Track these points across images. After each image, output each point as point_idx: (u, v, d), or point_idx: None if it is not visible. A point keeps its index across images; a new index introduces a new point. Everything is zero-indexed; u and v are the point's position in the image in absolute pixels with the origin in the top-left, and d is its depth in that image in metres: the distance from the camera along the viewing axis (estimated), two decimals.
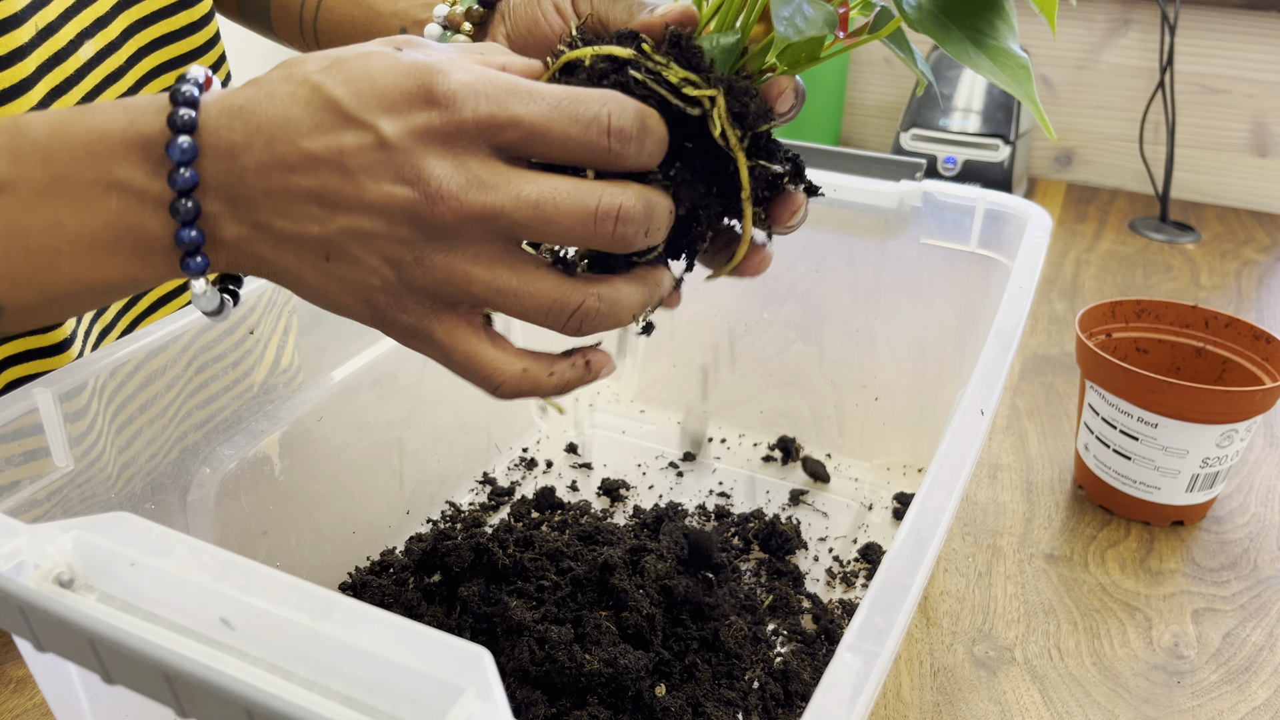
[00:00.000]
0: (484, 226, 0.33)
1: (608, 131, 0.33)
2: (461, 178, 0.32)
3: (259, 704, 0.25)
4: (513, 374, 0.36)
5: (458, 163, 0.33)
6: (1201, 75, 1.32)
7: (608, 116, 0.33)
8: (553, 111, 0.33)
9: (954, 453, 0.41)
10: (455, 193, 0.32)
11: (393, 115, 0.32)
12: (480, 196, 0.33)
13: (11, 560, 0.30)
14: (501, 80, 0.33)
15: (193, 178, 0.33)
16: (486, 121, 0.32)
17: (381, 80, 0.33)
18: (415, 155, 0.32)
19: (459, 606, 0.55)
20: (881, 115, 1.51)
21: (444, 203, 0.32)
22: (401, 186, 0.32)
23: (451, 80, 0.32)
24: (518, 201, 0.33)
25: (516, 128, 0.33)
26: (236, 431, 0.54)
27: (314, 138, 0.33)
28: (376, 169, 0.32)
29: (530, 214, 0.33)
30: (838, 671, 0.30)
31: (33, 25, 0.51)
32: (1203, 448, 0.65)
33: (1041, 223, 0.62)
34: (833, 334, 0.75)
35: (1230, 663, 0.57)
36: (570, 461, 0.76)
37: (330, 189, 0.33)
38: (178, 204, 0.33)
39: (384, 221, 0.33)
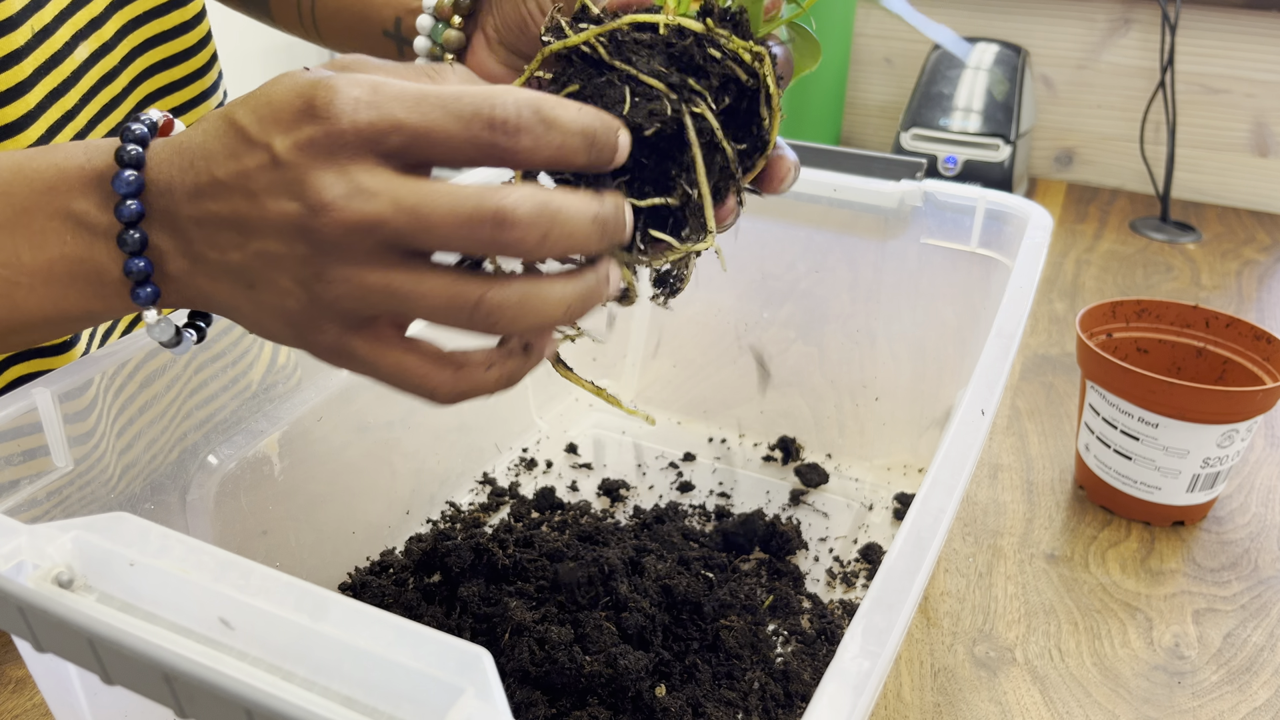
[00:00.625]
0: (371, 236, 0.32)
1: (490, 124, 0.32)
2: (342, 187, 0.32)
3: (258, 704, 0.25)
4: (447, 380, 0.35)
5: (340, 172, 0.32)
6: (1202, 75, 1.32)
7: (490, 108, 0.32)
8: (434, 109, 0.32)
9: (954, 453, 0.41)
10: (335, 202, 0.32)
11: (284, 133, 0.32)
12: (360, 205, 0.32)
13: (11, 560, 0.30)
14: (390, 89, 0.32)
15: (138, 209, 0.35)
16: (366, 129, 0.32)
17: (276, 100, 0.33)
18: (301, 170, 0.32)
19: (459, 606, 0.55)
20: (882, 115, 1.51)
21: (326, 213, 0.32)
22: (291, 202, 0.32)
23: (333, 93, 0.32)
24: (397, 208, 0.32)
25: (399, 132, 0.32)
26: (236, 431, 0.54)
27: (224, 164, 0.33)
28: (273, 188, 0.33)
29: (409, 219, 0.32)
30: (838, 672, 0.30)
31: (29, 28, 0.51)
32: (1203, 448, 0.65)
33: (1042, 222, 0.62)
34: (833, 334, 0.75)
35: (1231, 663, 0.57)
36: (570, 461, 0.76)
37: (241, 213, 0.33)
38: (124, 235, 0.35)
39: (284, 241, 0.33)
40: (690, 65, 0.37)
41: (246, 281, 0.35)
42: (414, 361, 0.35)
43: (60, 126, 0.54)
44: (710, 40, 0.37)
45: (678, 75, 0.36)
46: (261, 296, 0.35)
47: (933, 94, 1.28)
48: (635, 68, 0.36)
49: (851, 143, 1.54)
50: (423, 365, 0.35)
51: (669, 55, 0.36)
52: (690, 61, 0.37)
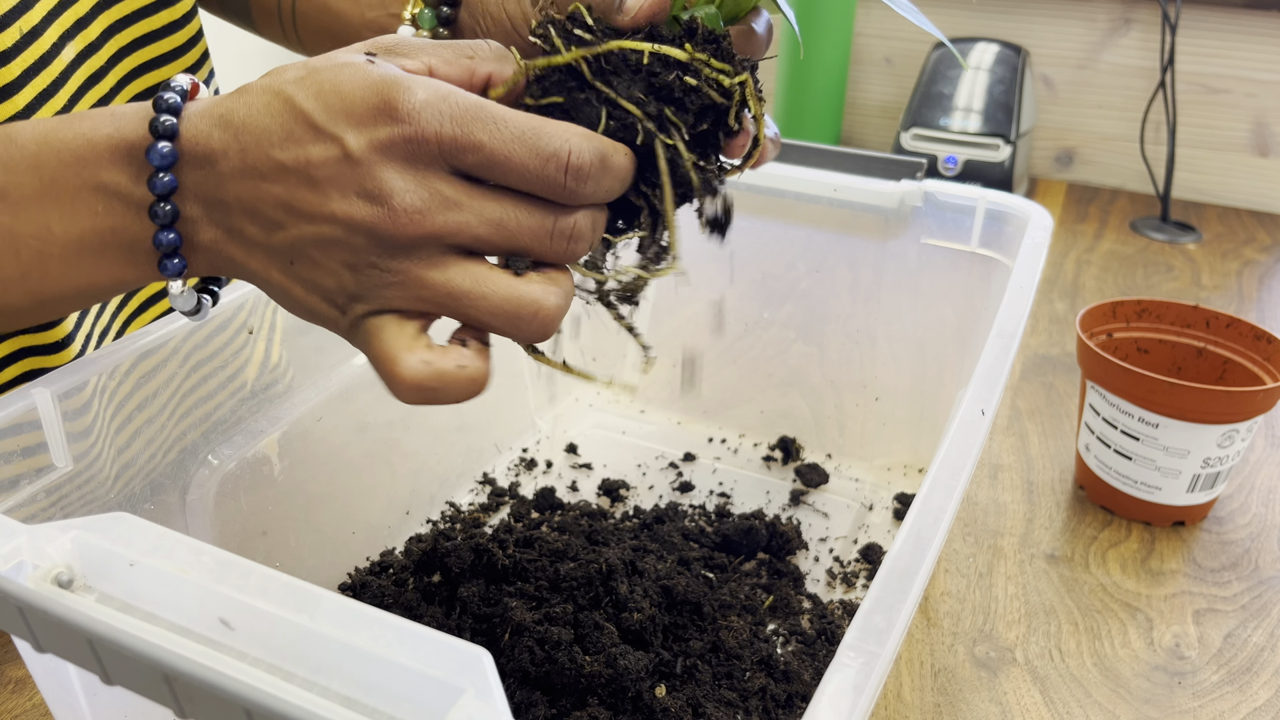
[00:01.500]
0: (444, 241, 0.34)
1: (565, 169, 0.34)
2: (424, 193, 0.33)
3: (258, 704, 0.25)
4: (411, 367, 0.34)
5: (420, 179, 0.33)
6: (1202, 75, 1.32)
7: (568, 154, 0.33)
8: (514, 142, 0.33)
9: (954, 453, 0.41)
10: (417, 208, 0.33)
11: (358, 129, 0.33)
12: (443, 215, 0.33)
13: (10, 560, 0.30)
14: (467, 102, 0.33)
15: (171, 182, 0.34)
16: (449, 143, 0.33)
17: (350, 93, 0.33)
18: (378, 170, 0.33)
19: (459, 607, 0.55)
20: (882, 115, 1.51)
21: (405, 217, 0.33)
22: (364, 201, 0.33)
23: (416, 97, 0.33)
24: (480, 219, 0.33)
25: (477, 152, 0.33)
26: (236, 431, 0.54)
27: (285, 148, 0.33)
28: (341, 181, 0.33)
29: (492, 231, 0.34)
30: (838, 672, 0.30)
31: (17, 29, 0.51)
32: (1204, 448, 0.65)
33: (1042, 222, 0.62)
34: (833, 334, 0.75)
35: (1231, 663, 0.57)
36: (570, 461, 0.76)
37: (298, 198, 0.33)
38: (156, 207, 0.35)
39: (345, 230, 0.33)
40: (669, 96, 0.37)
41: (286, 258, 0.35)
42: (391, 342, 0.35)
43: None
44: (691, 69, 0.37)
45: (654, 105, 0.37)
46: (299, 271, 0.35)
47: (933, 94, 1.28)
48: (615, 91, 0.37)
49: (851, 143, 1.54)
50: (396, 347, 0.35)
51: (650, 83, 0.37)
52: (669, 93, 0.37)
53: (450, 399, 0.35)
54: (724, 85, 0.38)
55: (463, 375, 0.35)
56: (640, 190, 0.38)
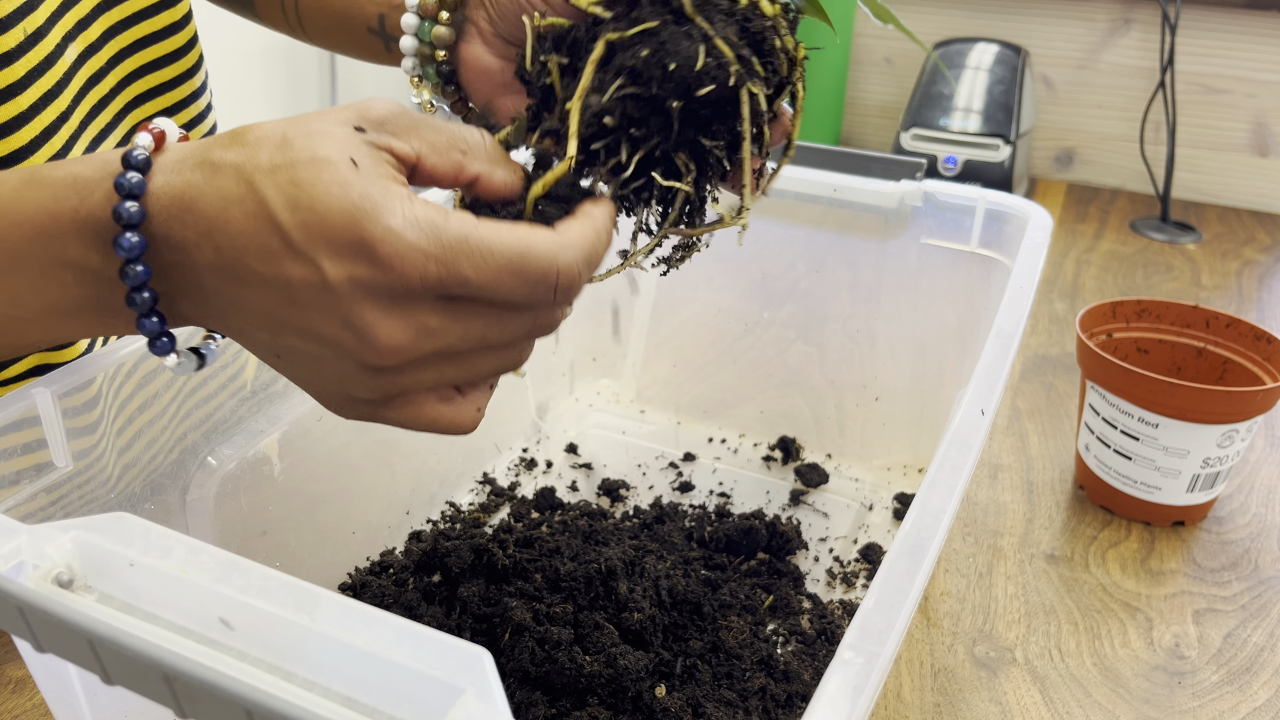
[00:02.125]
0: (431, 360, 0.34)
1: (555, 289, 0.34)
2: (410, 331, 0.33)
3: (258, 704, 0.25)
4: (472, 418, 0.38)
5: (403, 316, 0.32)
6: (1202, 75, 1.32)
7: (556, 276, 0.33)
8: (501, 273, 0.33)
9: (954, 453, 0.41)
10: (402, 346, 0.33)
11: (336, 259, 0.31)
12: (428, 343, 0.33)
13: (11, 560, 0.30)
14: (451, 236, 0.32)
15: (145, 273, 0.33)
16: (434, 281, 0.32)
17: (326, 214, 0.31)
18: (359, 306, 0.32)
19: (459, 607, 0.55)
20: (882, 115, 1.51)
21: (390, 353, 0.33)
22: (346, 332, 0.32)
23: (397, 239, 0.31)
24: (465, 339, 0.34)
25: (464, 287, 0.33)
26: (236, 431, 0.54)
27: (263, 261, 0.32)
28: (323, 308, 0.32)
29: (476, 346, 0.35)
30: (838, 671, 0.30)
31: (21, 30, 0.51)
32: (1203, 448, 0.65)
33: (1042, 222, 0.62)
34: (833, 334, 0.75)
35: (1231, 663, 0.57)
36: (570, 461, 0.76)
37: (279, 312, 0.33)
38: (133, 297, 0.34)
39: (331, 352, 0.33)
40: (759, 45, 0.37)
41: (273, 353, 0.35)
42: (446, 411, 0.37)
43: (55, 128, 0.54)
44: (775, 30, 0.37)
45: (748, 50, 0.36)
46: (287, 368, 0.35)
47: (933, 94, 1.28)
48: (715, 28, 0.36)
49: (851, 143, 1.54)
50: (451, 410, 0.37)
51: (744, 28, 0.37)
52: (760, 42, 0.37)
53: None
54: (794, 58, 0.38)
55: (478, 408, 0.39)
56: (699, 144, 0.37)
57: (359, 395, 0.35)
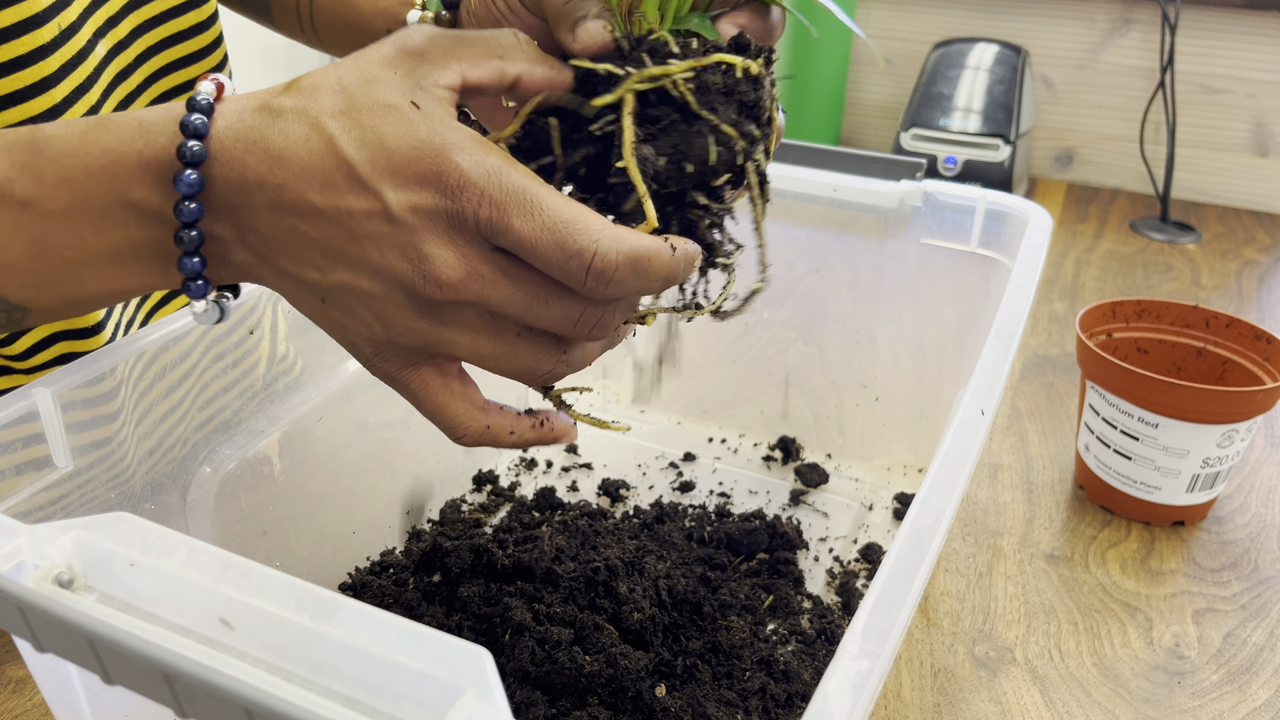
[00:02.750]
0: (475, 309, 0.35)
1: (587, 269, 0.34)
2: (463, 268, 0.34)
3: (259, 704, 0.25)
4: (476, 429, 0.38)
5: (459, 252, 0.34)
6: (1202, 75, 1.32)
7: (592, 255, 0.33)
8: (543, 232, 0.33)
9: (954, 453, 0.41)
10: (454, 281, 0.34)
11: (401, 189, 0.33)
12: (478, 288, 0.34)
13: (11, 560, 0.30)
14: (510, 184, 0.33)
15: (197, 210, 0.34)
16: (485, 224, 0.33)
17: (395, 149, 0.33)
18: (418, 235, 0.33)
19: (459, 606, 0.55)
20: (882, 115, 1.51)
21: (442, 288, 0.34)
22: (403, 261, 0.33)
23: (463, 172, 0.33)
24: (509, 299, 0.34)
25: (508, 235, 0.33)
26: (236, 431, 0.54)
27: (325, 194, 0.33)
28: (381, 239, 0.33)
29: (520, 310, 0.35)
30: (838, 672, 0.30)
31: (56, 25, 0.52)
32: (1203, 448, 0.65)
33: (1042, 223, 0.62)
34: (833, 334, 0.75)
35: (1231, 663, 0.57)
36: (570, 461, 0.76)
37: (335, 246, 0.34)
38: (180, 234, 0.35)
39: (382, 287, 0.34)
40: (756, 115, 0.37)
41: (319, 296, 0.35)
42: (458, 407, 0.38)
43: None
44: (763, 88, 0.37)
45: (749, 124, 0.37)
46: (332, 312, 0.36)
47: (933, 94, 1.28)
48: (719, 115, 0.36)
49: (851, 143, 1.54)
50: (462, 414, 0.38)
51: (740, 104, 0.37)
52: (757, 112, 0.37)
53: (501, 447, 0.40)
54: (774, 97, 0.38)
55: (509, 440, 0.39)
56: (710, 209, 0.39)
57: (398, 338, 0.35)
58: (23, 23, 0.51)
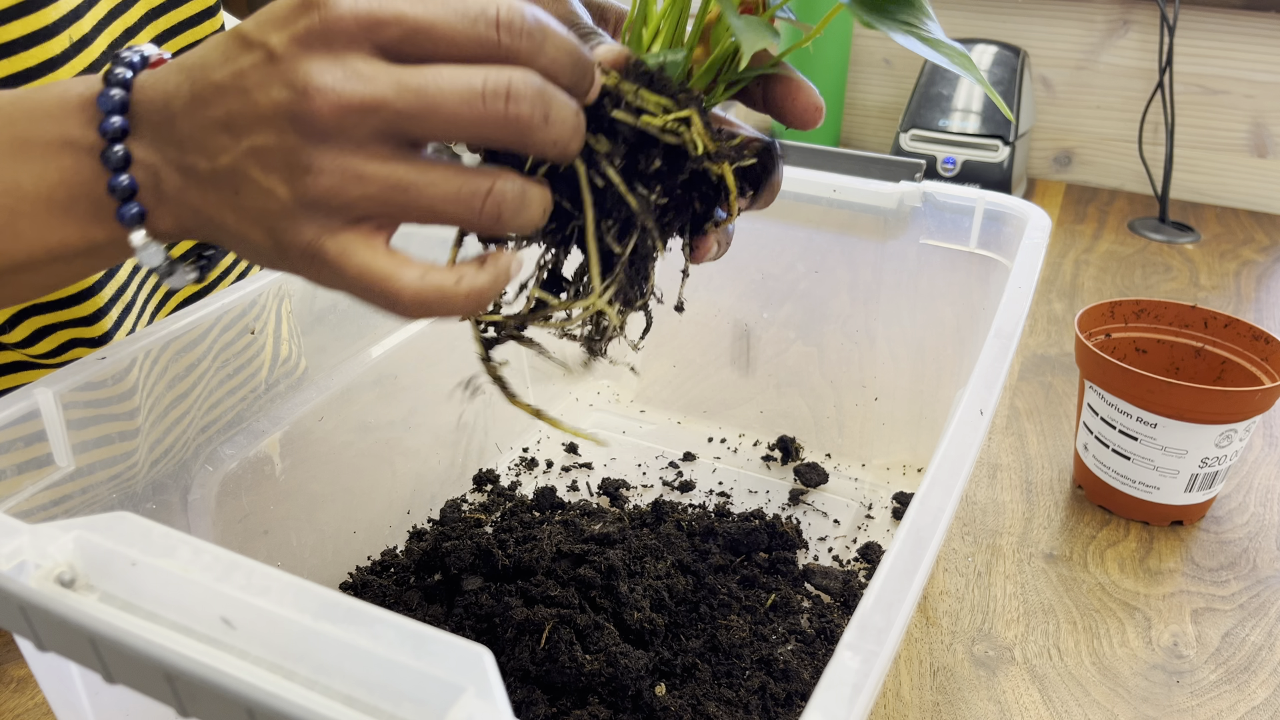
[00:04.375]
0: (369, 120, 0.32)
1: (496, 24, 0.32)
2: (339, 72, 0.32)
3: (260, 703, 0.25)
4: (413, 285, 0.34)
5: (336, 59, 0.32)
6: (1201, 76, 1.32)
7: (496, 10, 0.32)
8: (438, 4, 0.32)
9: (953, 453, 0.41)
10: (332, 86, 0.32)
11: (281, 29, 0.33)
12: (359, 87, 0.32)
13: (13, 560, 0.31)
14: None
15: (121, 124, 0.35)
16: (366, 18, 0.32)
17: (279, 4, 0.33)
18: (297, 60, 0.32)
19: (459, 606, 0.56)
20: (881, 116, 1.52)
21: (321, 96, 0.32)
22: (285, 91, 0.32)
23: None
24: (400, 89, 0.32)
25: (400, 24, 0.32)
26: (237, 431, 0.54)
27: (221, 68, 0.33)
28: (266, 82, 0.33)
29: (414, 100, 0.32)
30: (838, 671, 0.30)
31: (67, 37, 0.53)
32: (1202, 448, 0.65)
33: (1041, 223, 0.62)
34: (833, 334, 0.75)
35: (1229, 662, 0.58)
36: (570, 461, 0.76)
37: (234, 112, 0.33)
38: (107, 151, 0.35)
39: (274, 132, 0.33)
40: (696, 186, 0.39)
41: (233, 187, 0.34)
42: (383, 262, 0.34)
43: None
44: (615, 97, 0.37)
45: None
46: (245, 202, 0.34)
47: (932, 95, 1.28)
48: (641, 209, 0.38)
49: (851, 144, 1.54)
50: (390, 265, 0.34)
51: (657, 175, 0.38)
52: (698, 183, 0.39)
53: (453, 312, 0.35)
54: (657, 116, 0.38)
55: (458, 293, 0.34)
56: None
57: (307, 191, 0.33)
58: (33, 35, 0.51)
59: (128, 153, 0.35)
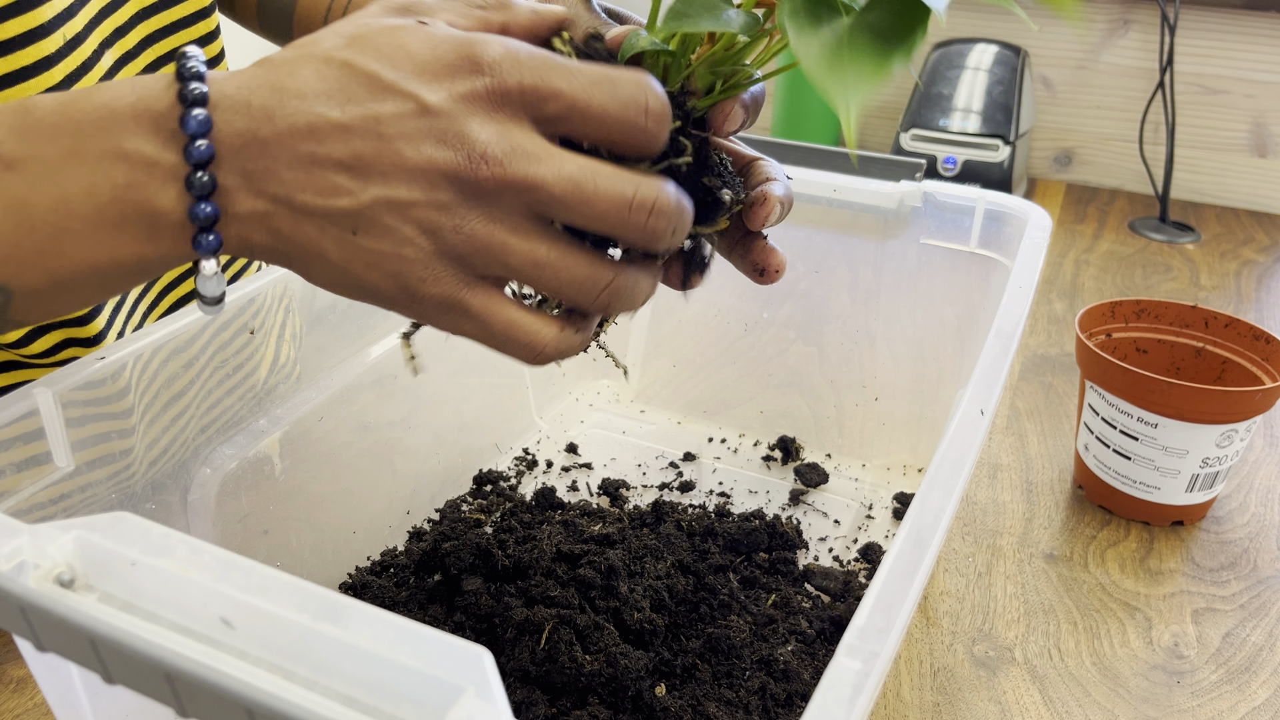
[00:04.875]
0: (523, 198, 0.33)
1: (645, 111, 0.34)
2: (507, 144, 0.33)
3: (259, 704, 0.25)
4: (553, 335, 0.36)
5: (502, 129, 0.33)
6: (1201, 75, 1.32)
7: (645, 98, 0.34)
8: (592, 87, 0.33)
9: (954, 453, 0.41)
10: (500, 157, 0.32)
11: (435, 83, 0.32)
12: (524, 166, 0.33)
13: (12, 560, 0.30)
14: (539, 53, 0.33)
15: (209, 150, 0.32)
16: (530, 91, 0.33)
17: (418, 52, 0.33)
18: (459, 119, 0.32)
19: (459, 606, 0.55)
20: (881, 115, 1.51)
21: (488, 166, 0.32)
22: (443, 149, 0.32)
23: (494, 48, 0.33)
24: (559, 176, 0.33)
25: (558, 100, 0.33)
26: (237, 431, 0.54)
27: (347, 108, 0.32)
28: (416, 135, 0.32)
29: (570, 190, 0.33)
30: (838, 671, 0.30)
31: (61, 36, 0.52)
32: (1202, 448, 0.65)
33: (1041, 223, 0.62)
34: (833, 334, 0.75)
35: (1230, 662, 0.57)
36: (570, 462, 0.76)
37: (365, 157, 0.32)
38: (192, 178, 0.33)
39: (423, 187, 0.33)
40: None
41: (349, 227, 0.33)
42: (528, 319, 0.36)
43: None
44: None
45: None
46: (366, 243, 0.33)
47: (932, 94, 1.28)
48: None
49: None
50: (535, 323, 0.36)
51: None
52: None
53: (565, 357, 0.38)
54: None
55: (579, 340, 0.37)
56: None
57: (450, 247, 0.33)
58: (28, 34, 0.51)
59: (214, 178, 0.33)
